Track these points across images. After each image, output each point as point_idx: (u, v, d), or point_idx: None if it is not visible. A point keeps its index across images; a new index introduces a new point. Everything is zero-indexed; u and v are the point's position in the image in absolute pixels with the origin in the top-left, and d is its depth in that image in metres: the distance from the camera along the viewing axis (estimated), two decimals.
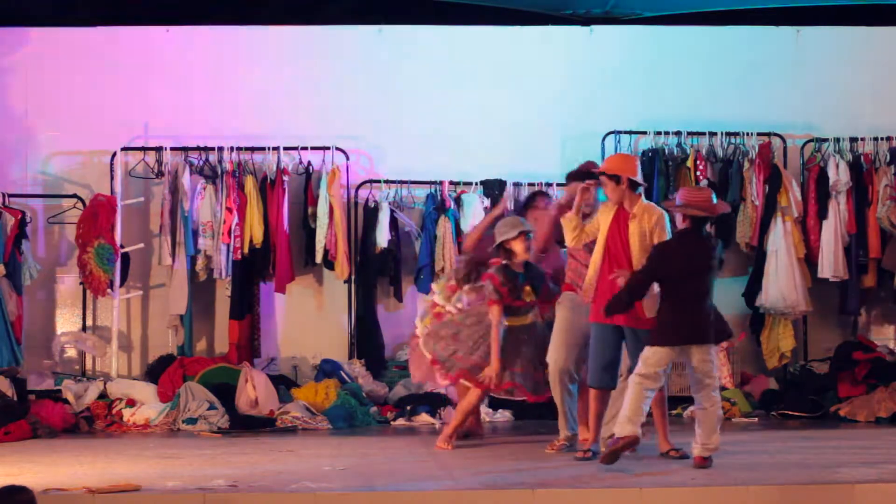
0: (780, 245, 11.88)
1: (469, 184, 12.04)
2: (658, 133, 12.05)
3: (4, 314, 11.20)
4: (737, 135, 12.07)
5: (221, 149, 11.87)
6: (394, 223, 11.96)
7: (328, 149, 12.02)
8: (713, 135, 12.07)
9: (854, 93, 12.46)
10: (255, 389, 10.99)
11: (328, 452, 9.21)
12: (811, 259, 12.04)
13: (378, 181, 12.10)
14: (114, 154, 11.91)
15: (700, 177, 11.87)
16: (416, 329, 9.94)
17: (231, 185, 11.77)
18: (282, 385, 11.38)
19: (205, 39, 12.39)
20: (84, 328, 11.99)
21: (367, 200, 12.04)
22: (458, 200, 11.99)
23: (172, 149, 11.89)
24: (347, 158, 12.12)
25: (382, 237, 11.84)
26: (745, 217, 11.91)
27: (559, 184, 11.27)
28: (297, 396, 11.16)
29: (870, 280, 12.06)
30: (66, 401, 10.92)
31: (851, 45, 12.58)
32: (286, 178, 11.87)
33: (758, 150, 11.98)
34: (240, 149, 11.91)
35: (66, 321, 12.11)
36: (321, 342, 12.08)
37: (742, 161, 11.97)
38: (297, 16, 12.38)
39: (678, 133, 12.06)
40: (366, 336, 12.01)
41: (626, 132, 12.11)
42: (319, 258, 11.83)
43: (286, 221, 11.82)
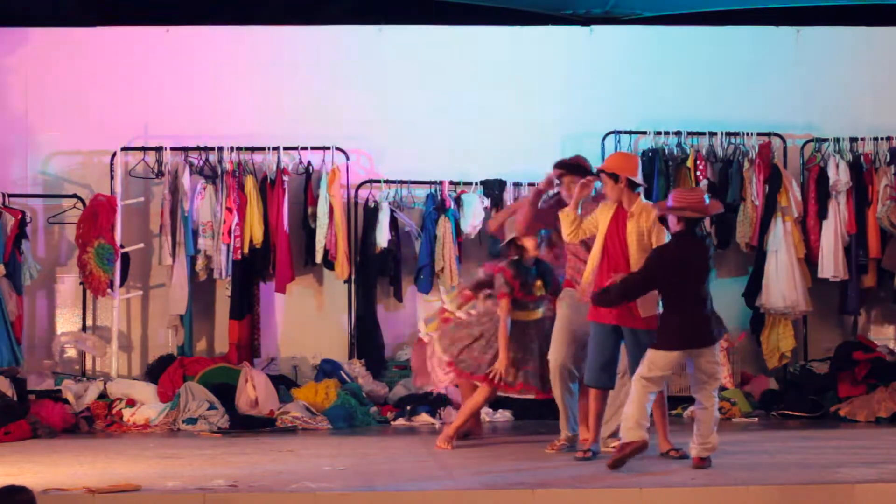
0: (780, 245, 11.88)
1: (469, 184, 12.04)
2: (658, 133, 12.05)
3: (4, 314, 11.20)
4: (737, 135, 12.06)
5: (221, 149, 11.87)
6: (394, 223, 11.96)
7: (328, 149, 12.02)
8: (713, 135, 12.06)
9: (854, 93, 12.46)
10: (255, 389, 10.99)
11: (328, 452, 9.21)
12: (811, 259, 12.04)
13: (378, 181, 12.10)
14: (114, 154, 11.91)
15: (700, 177, 11.87)
16: (420, 333, 9.93)
17: (231, 185, 11.77)
18: (282, 385, 11.38)
19: (205, 39, 12.38)
20: (84, 328, 11.99)
21: (367, 200, 12.04)
22: (458, 200, 11.98)
23: (172, 149, 11.89)
24: (347, 158, 12.12)
25: (382, 237, 11.84)
26: (745, 217, 11.91)
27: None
28: (297, 396, 11.16)
29: (870, 280, 12.06)
30: (66, 401, 10.92)
31: (851, 45, 12.57)
32: (286, 178, 11.86)
33: (758, 150, 11.98)
34: (240, 149, 11.91)
35: (66, 321, 12.11)
36: (321, 342, 12.08)
37: (742, 161, 11.96)
38: (297, 16, 12.38)
39: (678, 133, 12.05)
40: (366, 336, 12.01)
41: (626, 132, 12.11)
42: (319, 258, 11.83)
43: (286, 221, 11.82)
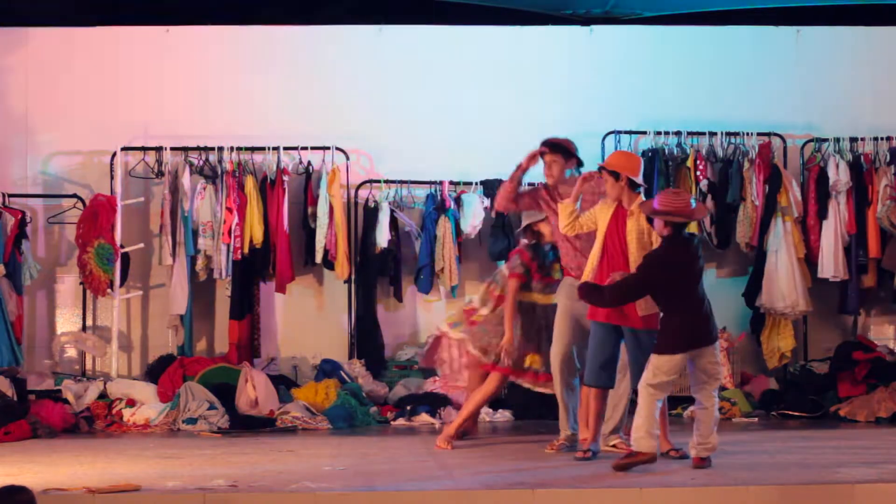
0: (780, 245, 11.87)
1: (469, 184, 12.04)
2: (658, 133, 12.05)
3: (4, 314, 11.20)
4: (737, 135, 12.06)
5: (221, 149, 11.87)
6: (394, 223, 11.96)
7: (328, 149, 12.02)
8: (713, 135, 12.06)
9: (854, 93, 12.45)
10: (255, 389, 10.99)
11: (328, 452, 9.21)
12: (811, 259, 12.03)
13: (378, 181, 12.10)
14: (114, 154, 11.91)
15: (700, 177, 11.87)
16: (448, 331, 9.84)
17: (231, 185, 11.77)
18: (282, 385, 11.37)
19: (205, 39, 12.39)
20: (84, 328, 11.99)
21: (367, 200, 12.04)
22: (458, 200, 11.98)
23: (172, 149, 11.89)
24: (347, 158, 12.11)
25: (382, 237, 11.84)
26: (745, 217, 11.90)
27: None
28: (297, 396, 11.16)
29: (870, 280, 12.06)
30: (66, 401, 10.92)
31: (851, 45, 12.57)
32: (286, 178, 11.86)
33: (758, 150, 11.97)
34: (240, 149, 11.90)
35: (66, 321, 12.11)
36: (321, 342, 12.08)
37: (742, 161, 11.96)
38: (297, 16, 12.39)
39: (678, 133, 12.05)
40: (366, 336, 12.00)
41: (626, 132, 12.11)
42: (319, 258, 11.83)
43: (286, 221, 11.82)
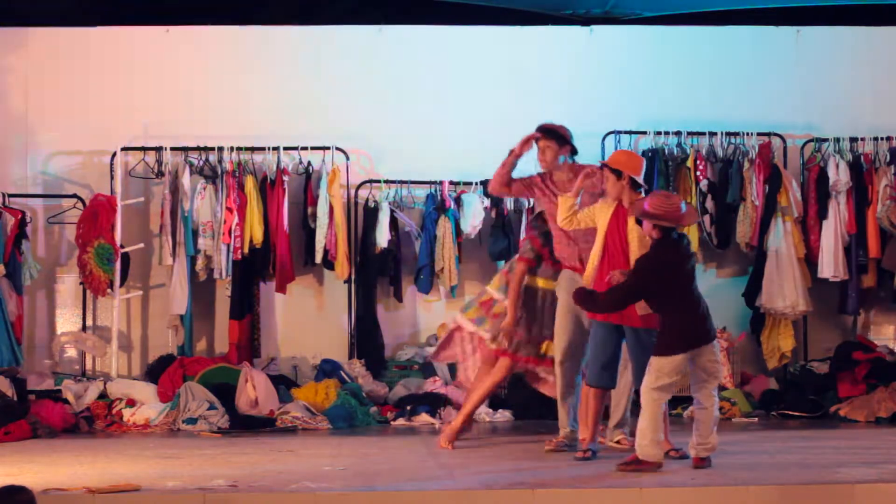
0: (781, 245, 11.87)
1: (469, 184, 12.03)
2: (658, 133, 12.04)
3: (4, 314, 11.20)
4: (737, 135, 12.06)
5: (221, 149, 11.87)
6: (394, 223, 11.95)
7: (328, 149, 12.01)
8: (713, 135, 12.06)
9: (854, 93, 12.45)
10: (255, 389, 10.99)
11: (328, 452, 9.21)
12: (811, 259, 12.03)
13: (378, 181, 12.10)
14: (114, 154, 11.91)
15: (700, 177, 11.87)
16: (458, 318, 9.80)
17: (231, 185, 11.76)
18: (282, 385, 11.37)
19: (205, 39, 12.38)
20: (84, 328, 11.98)
21: (367, 200, 12.04)
22: (458, 200, 11.98)
23: (172, 149, 11.89)
24: (347, 158, 12.11)
25: (382, 237, 11.83)
26: (745, 217, 11.90)
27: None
28: (297, 396, 11.15)
29: (870, 280, 12.06)
30: (66, 401, 10.91)
31: (851, 45, 12.57)
32: (286, 178, 11.86)
33: (758, 150, 11.97)
34: (240, 149, 11.90)
35: (66, 321, 12.11)
36: (321, 342, 12.08)
37: (742, 161, 11.96)
38: (297, 16, 12.38)
39: (678, 133, 12.05)
40: (366, 336, 12.00)
41: (626, 132, 12.10)
42: (319, 258, 11.82)
43: (286, 221, 11.81)
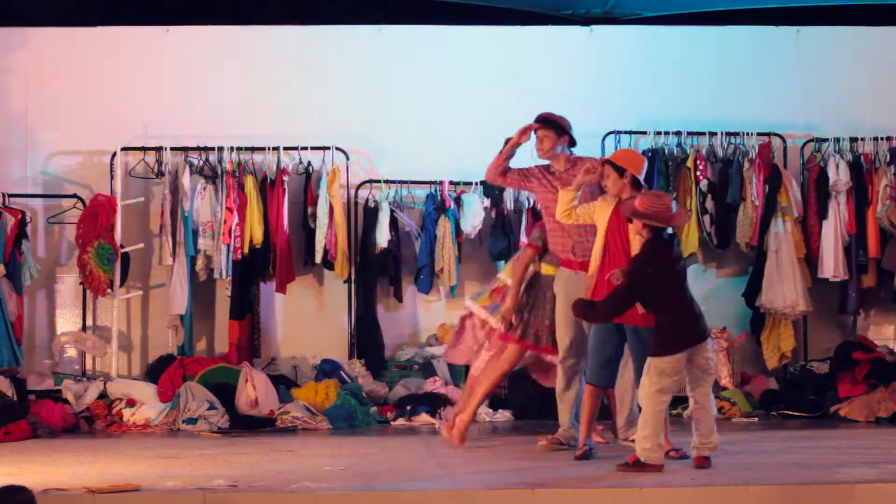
0: (781, 245, 11.87)
1: (469, 184, 12.03)
2: (658, 133, 12.04)
3: (4, 314, 11.20)
4: (737, 135, 12.05)
5: (221, 149, 11.87)
6: (394, 223, 11.96)
7: (328, 149, 12.01)
8: (713, 135, 12.05)
9: (854, 93, 12.45)
10: (255, 389, 10.99)
11: (328, 452, 9.21)
12: (811, 259, 12.03)
13: (378, 181, 12.10)
14: (114, 154, 11.91)
15: (700, 177, 11.88)
16: (469, 304, 9.77)
17: (231, 185, 11.77)
18: (282, 385, 11.37)
19: (205, 39, 12.38)
20: (84, 328, 11.99)
21: (367, 200, 12.04)
22: (458, 200, 11.98)
23: (172, 149, 11.89)
24: (347, 158, 12.11)
25: (382, 237, 11.84)
26: (745, 217, 11.90)
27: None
28: (297, 396, 11.16)
29: (870, 280, 12.05)
30: (66, 401, 10.91)
31: (851, 45, 12.57)
32: (286, 178, 11.86)
33: (758, 150, 11.97)
34: (240, 149, 11.90)
35: (66, 321, 12.11)
36: (321, 342, 12.08)
37: (742, 161, 11.96)
38: (297, 16, 12.38)
39: (678, 133, 12.05)
40: (366, 336, 12.00)
41: (626, 132, 12.09)
42: (319, 258, 11.82)
43: (286, 221, 11.82)
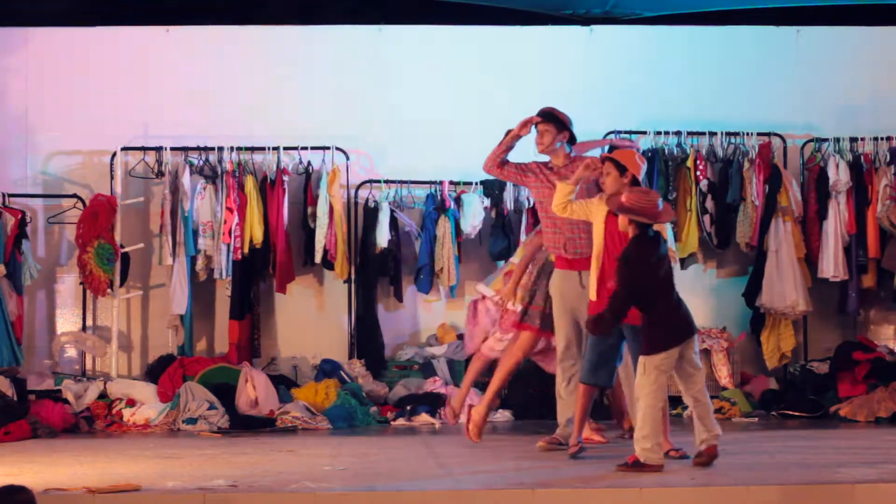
0: (781, 245, 11.87)
1: (469, 184, 12.03)
2: (658, 133, 12.05)
3: (4, 314, 11.20)
4: (737, 135, 12.06)
5: (221, 149, 11.87)
6: (394, 223, 11.96)
7: (328, 149, 12.02)
8: (713, 135, 12.06)
9: (854, 93, 12.45)
10: (255, 389, 10.99)
11: (328, 452, 9.21)
12: (811, 259, 12.03)
13: (378, 181, 12.10)
14: (114, 154, 11.91)
15: (700, 177, 11.88)
16: (481, 287, 9.75)
17: (231, 185, 11.77)
18: (282, 385, 11.37)
19: (205, 39, 12.38)
20: (84, 328, 11.99)
21: (367, 200, 12.04)
22: (458, 200, 11.98)
23: (172, 149, 11.89)
24: (347, 158, 12.11)
25: (382, 237, 11.84)
26: (745, 217, 11.90)
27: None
28: (297, 396, 11.16)
29: (870, 280, 12.06)
30: (66, 401, 10.91)
31: (851, 45, 12.57)
32: (286, 178, 11.87)
33: (758, 150, 11.97)
34: (240, 149, 11.90)
35: (66, 321, 12.11)
36: (321, 342, 12.08)
37: (742, 161, 11.96)
38: (297, 16, 12.38)
39: (678, 133, 12.05)
40: (366, 336, 12.01)
41: (626, 132, 12.08)
42: (319, 258, 11.82)
43: (286, 221, 11.82)
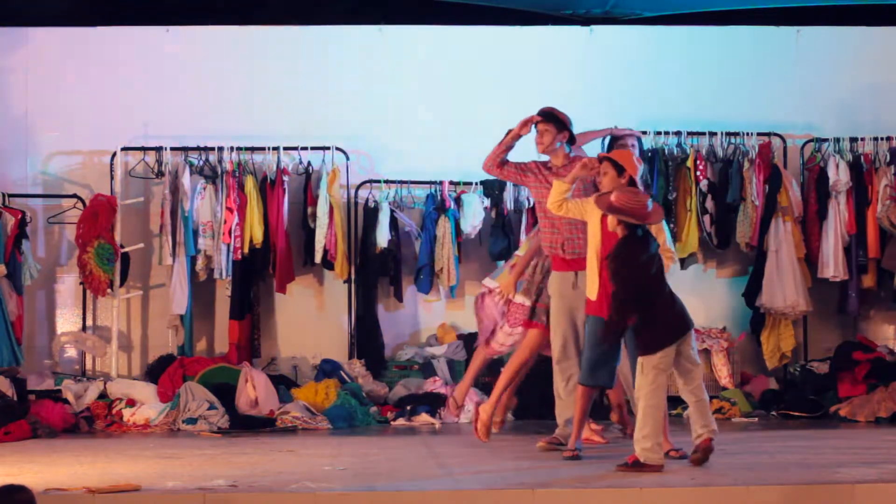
0: (781, 245, 11.87)
1: (469, 184, 12.03)
2: (658, 133, 12.05)
3: (4, 314, 11.20)
4: (737, 135, 12.06)
5: (221, 149, 11.87)
6: (394, 223, 11.96)
7: (328, 149, 12.01)
8: (713, 135, 12.06)
9: (854, 93, 12.45)
10: (255, 389, 10.99)
11: (328, 452, 9.21)
12: (811, 259, 12.03)
13: (378, 181, 12.10)
14: (114, 154, 11.91)
15: (700, 177, 11.88)
16: (487, 281, 9.72)
17: (231, 185, 11.77)
18: (282, 385, 11.37)
19: (205, 39, 12.38)
20: (84, 328, 11.99)
21: (367, 200, 12.04)
22: (458, 200, 11.98)
23: (172, 149, 11.89)
24: (347, 158, 12.11)
25: (382, 237, 11.84)
26: (745, 217, 11.90)
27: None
28: (297, 396, 11.16)
29: (870, 280, 12.05)
30: (66, 401, 10.91)
31: (851, 45, 12.57)
32: (286, 178, 11.87)
33: (758, 150, 11.97)
34: (240, 149, 11.90)
35: (66, 321, 12.11)
36: (321, 342, 12.08)
37: (742, 161, 11.96)
38: (297, 16, 12.38)
39: (678, 133, 12.05)
40: (366, 336, 12.01)
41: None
42: (319, 258, 11.82)
43: (286, 221, 11.82)
